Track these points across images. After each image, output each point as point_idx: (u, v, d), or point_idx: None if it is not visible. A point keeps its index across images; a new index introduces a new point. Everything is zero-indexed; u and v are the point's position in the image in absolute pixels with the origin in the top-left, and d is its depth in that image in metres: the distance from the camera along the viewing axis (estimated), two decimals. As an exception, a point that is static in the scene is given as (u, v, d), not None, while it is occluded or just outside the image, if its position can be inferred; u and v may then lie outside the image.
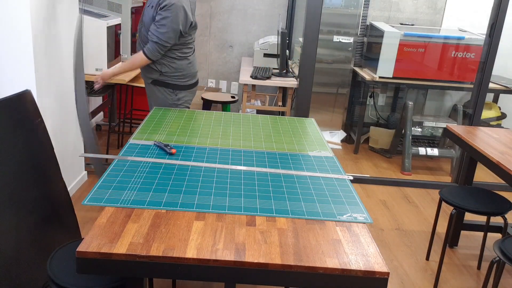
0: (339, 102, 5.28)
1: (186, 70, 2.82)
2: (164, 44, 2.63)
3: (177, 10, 2.57)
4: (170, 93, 2.81)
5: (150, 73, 2.80)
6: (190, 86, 2.89)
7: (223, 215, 1.57)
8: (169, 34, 2.61)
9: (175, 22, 2.59)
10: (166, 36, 2.61)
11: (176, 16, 2.58)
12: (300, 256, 1.37)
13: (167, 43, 2.64)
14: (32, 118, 2.18)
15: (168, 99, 2.82)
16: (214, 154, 2.09)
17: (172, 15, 2.57)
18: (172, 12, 2.56)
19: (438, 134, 4.50)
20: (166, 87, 2.81)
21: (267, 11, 5.12)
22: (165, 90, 2.81)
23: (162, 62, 2.75)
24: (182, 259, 1.32)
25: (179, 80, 2.81)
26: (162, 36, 2.60)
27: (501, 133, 2.89)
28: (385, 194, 3.82)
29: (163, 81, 2.79)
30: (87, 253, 1.31)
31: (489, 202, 2.52)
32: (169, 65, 2.75)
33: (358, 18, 4.72)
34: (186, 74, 2.83)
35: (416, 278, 2.71)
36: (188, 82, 2.86)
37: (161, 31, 2.60)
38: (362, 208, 1.70)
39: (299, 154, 2.19)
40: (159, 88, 2.81)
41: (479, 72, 3.89)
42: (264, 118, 2.73)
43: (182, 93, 2.85)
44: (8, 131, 2.01)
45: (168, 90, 2.81)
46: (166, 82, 2.79)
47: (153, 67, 2.76)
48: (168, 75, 2.78)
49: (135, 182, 1.75)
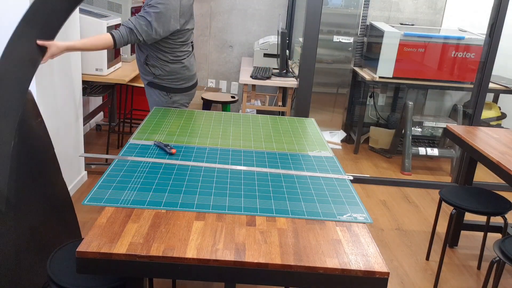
0: (339, 102, 5.28)
1: (180, 74, 2.77)
2: (136, 36, 2.51)
3: (164, 11, 2.52)
4: (165, 96, 2.78)
5: (146, 75, 2.78)
6: (186, 89, 2.85)
7: (223, 215, 1.57)
8: (146, 28, 2.50)
9: (157, 20, 2.51)
10: (143, 29, 2.50)
11: (159, 15, 2.51)
12: (300, 256, 1.37)
13: (140, 36, 2.52)
14: (32, 118, 2.18)
15: (162, 101, 2.80)
16: (214, 154, 2.09)
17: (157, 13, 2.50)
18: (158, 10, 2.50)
19: (438, 134, 4.50)
20: (161, 89, 2.78)
21: (267, 11, 5.12)
22: (160, 92, 2.78)
23: (155, 64, 2.71)
24: (182, 259, 1.32)
25: (173, 83, 2.78)
26: (138, 26, 2.50)
27: (501, 133, 2.89)
28: (385, 194, 3.82)
29: (157, 83, 2.77)
30: (87, 253, 1.31)
31: (489, 202, 2.52)
32: (162, 68, 2.72)
33: (358, 18, 4.72)
34: (181, 77, 2.78)
35: (416, 278, 2.71)
36: (183, 85, 2.82)
37: (140, 22, 2.50)
38: (362, 208, 1.70)
39: (299, 154, 2.19)
40: (154, 90, 2.79)
41: (479, 72, 3.89)
42: (264, 118, 2.73)
43: (177, 96, 2.81)
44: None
45: (162, 92, 2.78)
46: (161, 84, 2.77)
47: (147, 69, 2.73)
48: (162, 78, 2.74)
49: (135, 182, 1.75)
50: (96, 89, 3.81)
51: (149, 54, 2.70)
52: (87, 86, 3.62)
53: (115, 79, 3.54)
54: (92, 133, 4.60)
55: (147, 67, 2.73)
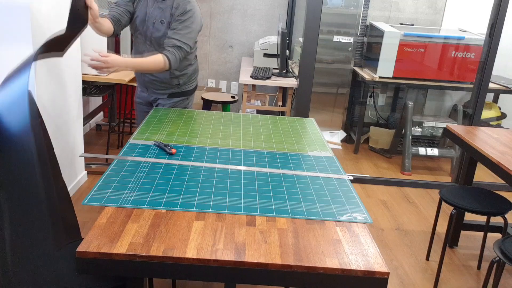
0: (339, 102, 5.28)
1: (197, 71, 2.79)
2: (187, 50, 2.49)
3: (196, 17, 2.51)
4: (185, 101, 2.76)
5: (167, 89, 2.69)
6: (196, 86, 2.85)
7: (223, 215, 1.57)
8: (189, 42, 2.49)
9: (195, 30, 2.51)
10: (190, 42, 2.49)
11: (197, 23, 2.51)
12: (300, 256, 1.37)
13: (188, 48, 2.49)
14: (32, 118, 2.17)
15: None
16: (214, 154, 2.09)
17: (194, 22, 2.49)
18: (194, 19, 2.49)
19: (438, 134, 4.50)
20: (181, 96, 2.74)
21: (267, 11, 5.12)
22: (179, 100, 2.74)
23: (183, 72, 2.66)
24: (182, 259, 1.32)
25: (193, 83, 2.78)
26: (186, 40, 2.46)
27: (501, 133, 2.89)
28: (385, 194, 3.82)
29: (179, 92, 2.72)
30: (87, 253, 1.31)
31: (489, 202, 2.52)
32: (186, 73, 2.68)
33: (358, 18, 4.72)
34: (197, 74, 2.80)
35: (416, 278, 2.71)
36: (196, 82, 2.82)
37: (184, 36, 2.44)
38: (362, 208, 1.70)
39: (299, 154, 2.19)
40: (171, 100, 2.73)
41: (479, 72, 3.89)
42: (264, 118, 2.73)
43: (191, 96, 2.82)
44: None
45: (182, 98, 2.75)
46: (183, 91, 2.73)
47: (173, 82, 2.67)
48: (186, 83, 2.71)
49: (135, 182, 1.75)
50: (96, 89, 3.82)
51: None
52: (87, 86, 3.62)
53: (115, 79, 3.54)
54: (92, 133, 4.60)
55: (174, 79, 2.67)
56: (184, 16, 2.47)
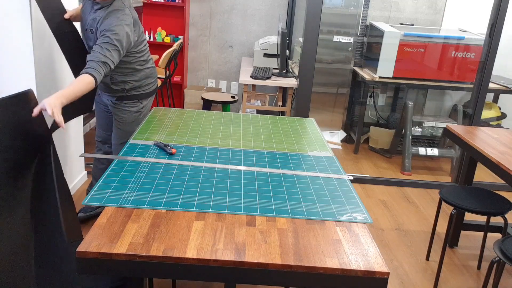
0: (339, 102, 5.28)
1: (152, 74, 2.72)
2: (110, 66, 2.33)
3: (122, 32, 2.38)
4: (136, 103, 2.70)
5: (114, 93, 2.64)
6: (154, 91, 2.77)
7: (223, 215, 1.57)
8: (115, 55, 2.36)
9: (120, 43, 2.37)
10: (114, 58, 2.35)
11: (120, 37, 2.38)
12: (300, 256, 1.37)
13: (112, 65, 2.34)
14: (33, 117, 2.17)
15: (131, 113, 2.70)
16: (214, 154, 2.09)
17: (117, 39, 2.36)
18: (117, 33, 2.37)
19: (438, 134, 4.50)
20: (131, 99, 2.68)
21: (267, 11, 5.12)
22: (129, 102, 2.68)
23: (124, 79, 2.59)
24: (182, 259, 1.32)
25: (147, 88, 2.71)
26: (109, 56, 2.33)
27: (501, 133, 2.89)
28: (385, 194, 3.82)
29: (128, 95, 2.67)
30: (87, 253, 1.31)
31: (489, 202, 2.52)
32: (132, 79, 2.62)
33: (358, 18, 4.72)
34: (152, 78, 2.74)
35: (416, 278, 2.71)
36: (153, 86, 2.75)
37: (107, 51, 2.32)
38: (362, 208, 1.71)
39: (299, 154, 2.19)
40: (122, 103, 2.68)
41: (479, 72, 3.89)
42: (264, 118, 2.73)
43: (146, 100, 2.75)
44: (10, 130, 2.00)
45: (132, 102, 2.69)
46: (132, 94, 2.67)
47: (115, 88, 2.62)
48: (134, 88, 2.65)
49: (135, 182, 1.75)
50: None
51: (111, 75, 2.58)
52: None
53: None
54: (92, 133, 4.60)
55: (115, 85, 2.61)
56: (108, 32, 2.35)
